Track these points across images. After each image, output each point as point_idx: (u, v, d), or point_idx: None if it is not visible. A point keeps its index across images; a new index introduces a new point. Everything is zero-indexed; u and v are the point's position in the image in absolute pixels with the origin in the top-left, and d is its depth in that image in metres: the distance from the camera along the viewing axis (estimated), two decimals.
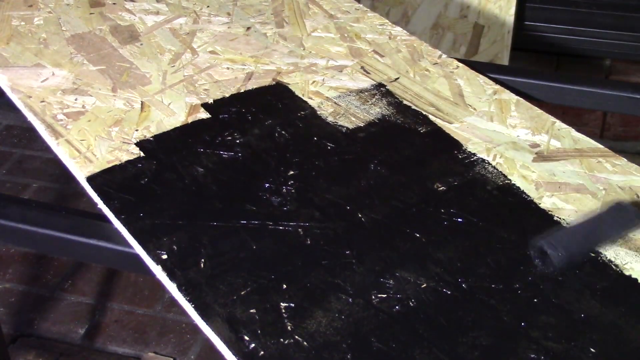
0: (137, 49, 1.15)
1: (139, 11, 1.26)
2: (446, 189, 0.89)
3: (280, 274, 0.77)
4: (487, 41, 2.22)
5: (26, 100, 1.01)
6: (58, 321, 1.71)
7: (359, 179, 0.90)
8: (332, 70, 1.13)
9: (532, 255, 0.78)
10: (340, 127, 1.00)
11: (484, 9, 2.19)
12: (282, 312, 0.72)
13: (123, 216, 0.83)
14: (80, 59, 1.12)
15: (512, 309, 0.74)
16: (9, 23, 1.21)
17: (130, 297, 1.77)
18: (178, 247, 0.79)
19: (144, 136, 0.96)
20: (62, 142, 0.94)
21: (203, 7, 1.29)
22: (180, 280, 0.75)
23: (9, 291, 1.78)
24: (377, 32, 1.24)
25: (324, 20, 1.27)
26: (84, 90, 1.05)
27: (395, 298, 0.75)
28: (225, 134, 0.97)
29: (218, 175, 0.90)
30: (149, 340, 1.66)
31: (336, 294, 0.75)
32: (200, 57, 1.14)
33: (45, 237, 0.88)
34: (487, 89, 1.10)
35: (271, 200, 0.86)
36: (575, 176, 0.93)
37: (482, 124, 1.02)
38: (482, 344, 0.70)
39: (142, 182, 0.88)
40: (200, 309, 0.72)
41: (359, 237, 0.82)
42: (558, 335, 0.71)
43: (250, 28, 1.23)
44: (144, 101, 1.03)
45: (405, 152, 0.96)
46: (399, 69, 1.14)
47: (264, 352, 0.68)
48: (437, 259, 0.79)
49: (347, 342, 0.70)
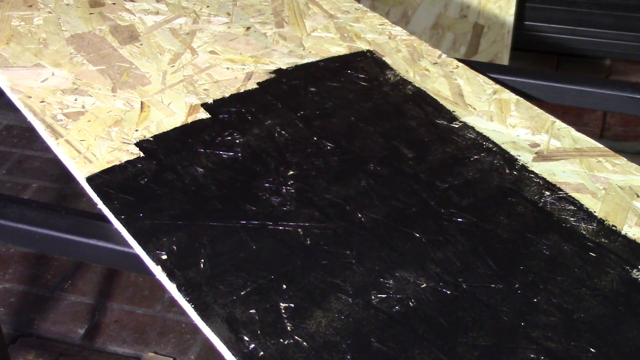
0: (136, 49, 1.15)
1: (139, 11, 1.26)
2: (446, 188, 0.89)
3: (280, 274, 0.77)
4: (487, 41, 2.22)
5: (26, 100, 1.01)
6: (58, 321, 1.71)
7: (359, 179, 0.90)
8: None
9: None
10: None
11: (484, 9, 2.19)
12: (282, 312, 0.72)
13: (123, 216, 0.83)
14: (80, 59, 1.12)
15: (512, 309, 0.74)
16: (9, 23, 1.21)
17: (130, 297, 1.77)
18: (178, 247, 0.79)
19: (144, 136, 0.96)
20: (61, 142, 0.94)
21: (203, 7, 1.29)
22: (179, 280, 0.75)
23: (9, 291, 1.78)
24: (377, 32, 1.24)
25: (323, 20, 1.27)
26: (84, 91, 1.05)
27: (395, 298, 0.74)
28: (225, 134, 0.97)
29: (218, 175, 0.90)
30: (149, 340, 1.66)
31: (336, 294, 0.75)
32: (200, 57, 1.14)
33: (45, 237, 0.88)
34: (487, 89, 1.10)
35: (271, 200, 0.86)
36: (575, 176, 0.93)
37: (482, 124, 1.02)
38: (481, 344, 0.70)
39: (142, 182, 0.88)
40: (200, 309, 0.72)
41: (359, 237, 0.82)
42: (558, 335, 0.71)
43: (250, 28, 1.23)
44: (143, 101, 1.03)
45: (405, 151, 0.96)
46: (398, 68, 1.14)
47: (263, 352, 0.68)
48: (437, 259, 0.79)
49: (346, 342, 0.70)
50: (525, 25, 2.47)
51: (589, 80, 1.17)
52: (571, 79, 1.17)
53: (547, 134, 1.00)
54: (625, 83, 1.16)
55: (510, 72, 1.19)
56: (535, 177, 0.92)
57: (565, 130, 1.01)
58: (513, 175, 0.92)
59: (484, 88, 1.10)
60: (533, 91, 1.16)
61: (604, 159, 0.96)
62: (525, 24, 2.46)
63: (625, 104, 1.14)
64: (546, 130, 1.01)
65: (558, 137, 1.00)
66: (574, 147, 0.98)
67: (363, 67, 1.14)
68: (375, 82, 1.10)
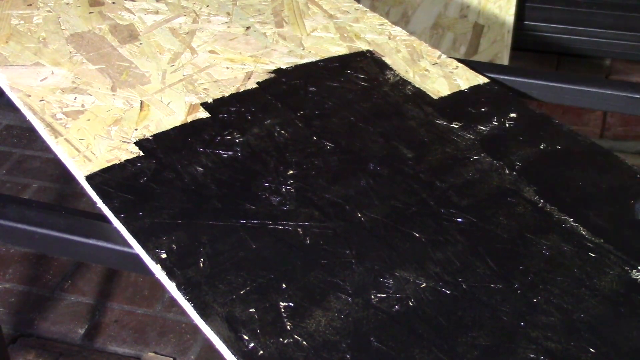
0: (136, 48, 1.15)
1: (139, 10, 1.26)
2: (446, 189, 0.89)
3: (280, 273, 0.77)
4: (487, 41, 2.22)
5: (25, 99, 1.01)
6: (58, 321, 1.71)
7: (359, 178, 0.90)
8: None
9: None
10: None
11: (484, 9, 2.19)
12: (282, 312, 0.72)
13: (122, 215, 0.83)
14: (80, 58, 1.12)
15: (512, 309, 0.74)
16: (9, 22, 1.21)
17: (130, 297, 1.77)
18: (177, 246, 0.79)
19: (143, 135, 0.96)
20: (61, 141, 0.94)
21: (202, 6, 1.29)
22: (179, 279, 0.75)
23: (9, 291, 1.78)
24: (377, 32, 1.24)
25: (323, 20, 1.27)
26: (83, 89, 1.04)
27: (395, 298, 0.74)
28: (224, 134, 0.97)
29: (217, 174, 0.90)
30: (149, 340, 1.66)
31: (335, 293, 0.75)
32: (199, 56, 1.14)
33: (45, 237, 0.88)
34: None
35: (270, 199, 0.86)
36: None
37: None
38: (481, 344, 0.70)
39: (142, 181, 0.88)
40: (200, 309, 0.72)
41: (359, 236, 0.82)
42: (557, 335, 0.71)
43: (249, 28, 1.23)
44: (143, 100, 1.03)
45: (405, 151, 0.95)
46: (398, 69, 1.14)
47: (263, 351, 0.68)
48: (437, 259, 0.79)
49: (346, 342, 0.70)
50: (525, 25, 2.47)
51: (589, 80, 1.16)
52: (571, 79, 1.17)
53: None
54: (625, 83, 1.16)
55: (510, 72, 1.19)
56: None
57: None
58: (513, 175, 0.92)
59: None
60: (533, 91, 1.16)
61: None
62: (525, 23, 2.46)
63: (625, 104, 1.13)
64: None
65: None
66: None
67: (363, 67, 1.14)
68: (375, 82, 1.10)
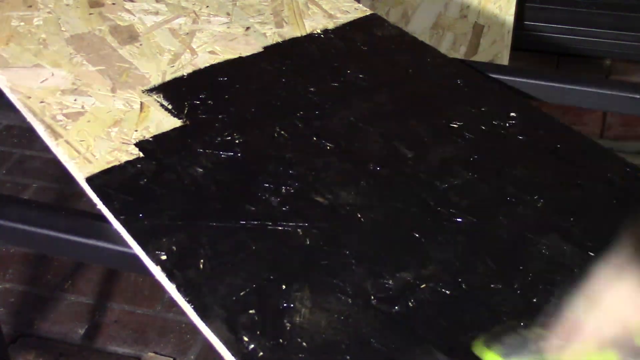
0: (136, 49, 1.15)
1: (139, 11, 1.26)
2: (446, 189, 0.89)
3: (280, 274, 0.77)
4: (487, 41, 2.22)
5: (25, 101, 1.01)
6: (58, 321, 1.71)
7: (359, 179, 0.90)
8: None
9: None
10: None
11: (484, 9, 2.19)
12: (282, 313, 0.72)
13: (122, 216, 0.83)
14: (80, 60, 1.12)
15: (512, 309, 0.74)
16: (9, 23, 1.21)
17: (130, 297, 1.77)
18: (177, 247, 0.79)
19: (144, 137, 0.96)
20: (61, 143, 0.94)
21: (202, 7, 1.29)
22: (179, 280, 0.75)
23: (9, 291, 1.78)
24: None
25: (323, 20, 1.27)
26: (84, 91, 1.04)
27: (395, 298, 0.74)
28: (224, 134, 0.97)
29: (217, 175, 0.90)
30: (149, 340, 1.66)
31: (335, 294, 0.75)
32: (199, 57, 1.14)
33: (45, 237, 0.88)
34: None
35: (270, 200, 0.86)
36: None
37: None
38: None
39: (142, 182, 0.88)
40: (200, 310, 0.72)
41: (359, 237, 0.82)
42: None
43: (249, 28, 1.23)
44: (143, 101, 1.03)
45: (405, 150, 0.95)
46: None
47: (263, 352, 0.68)
48: (437, 259, 0.79)
49: (346, 343, 0.70)
50: (525, 25, 2.46)
51: (589, 80, 1.16)
52: (571, 79, 1.16)
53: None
54: (625, 83, 1.16)
55: (510, 72, 1.18)
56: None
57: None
58: (513, 175, 0.92)
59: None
60: (533, 91, 1.16)
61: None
62: (525, 24, 2.46)
63: (625, 104, 1.13)
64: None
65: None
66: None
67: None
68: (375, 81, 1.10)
